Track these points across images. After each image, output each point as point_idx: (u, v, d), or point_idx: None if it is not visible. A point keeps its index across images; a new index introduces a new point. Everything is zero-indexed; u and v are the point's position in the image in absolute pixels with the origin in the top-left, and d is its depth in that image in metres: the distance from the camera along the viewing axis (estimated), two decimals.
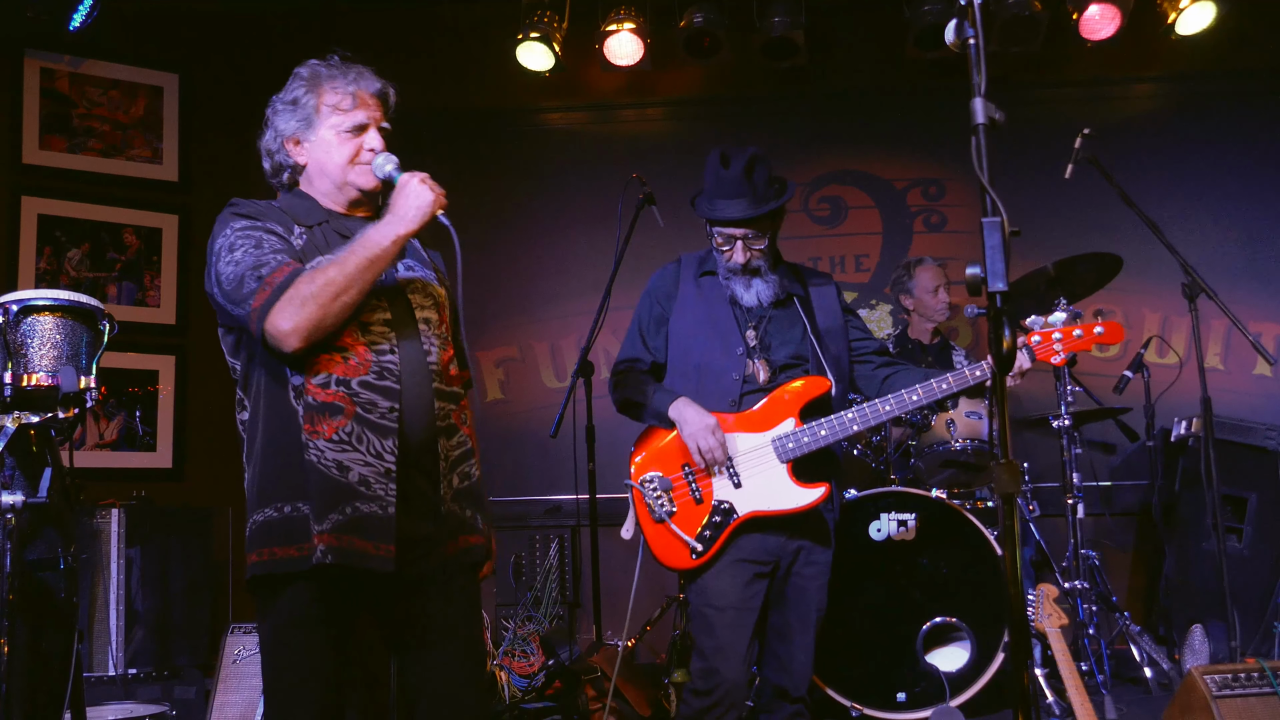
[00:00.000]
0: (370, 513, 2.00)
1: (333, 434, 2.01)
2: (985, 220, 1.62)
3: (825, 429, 2.81)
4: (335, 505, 1.99)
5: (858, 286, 5.59)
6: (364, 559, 1.98)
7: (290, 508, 2.02)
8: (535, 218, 5.69)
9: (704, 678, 2.74)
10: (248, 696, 3.75)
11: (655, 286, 3.05)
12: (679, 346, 2.97)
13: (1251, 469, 4.41)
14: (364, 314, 2.08)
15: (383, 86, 2.25)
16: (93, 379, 2.42)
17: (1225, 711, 2.65)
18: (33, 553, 2.60)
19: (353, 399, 2.03)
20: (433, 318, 2.19)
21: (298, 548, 1.99)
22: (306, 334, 2.00)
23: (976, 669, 3.59)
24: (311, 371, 2.04)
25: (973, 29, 1.71)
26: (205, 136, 5.51)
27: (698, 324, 2.95)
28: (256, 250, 2.07)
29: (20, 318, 2.38)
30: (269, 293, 2.01)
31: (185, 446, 5.28)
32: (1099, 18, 5.11)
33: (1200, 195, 5.39)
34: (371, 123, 2.20)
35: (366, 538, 1.99)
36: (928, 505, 3.75)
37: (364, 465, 2.01)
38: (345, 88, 2.19)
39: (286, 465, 2.03)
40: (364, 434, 2.02)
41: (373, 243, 2.05)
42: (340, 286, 2.01)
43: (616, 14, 5.30)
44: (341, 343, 2.06)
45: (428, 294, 2.22)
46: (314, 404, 2.02)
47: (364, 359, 2.05)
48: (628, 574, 5.41)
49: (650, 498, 2.82)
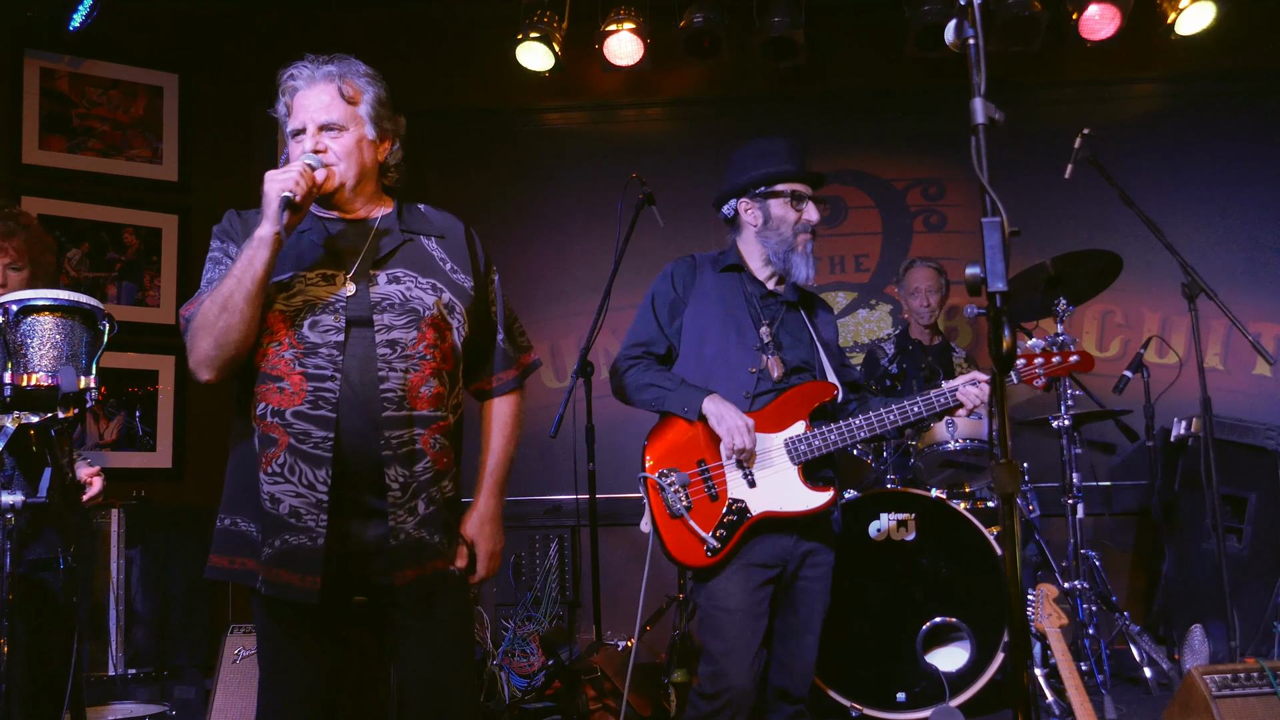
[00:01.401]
0: (299, 544, 2.01)
1: (268, 465, 2.03)
2: (985, 220, 1.62)
3: (835, 434, 2.81)
4: (270, 536, 2.03)
5: (857, 286, 5.59)
6: (288, 590, 2.01)
7: (244, 524, 2.09)
8: (535, 218, 5.69)
9: (712, 681, 2.71)
10: (247, 696, 3.75)
11: (674, 271, 2.99)
12: (694, 335, 2.92)
13: (1251, 469, 4.41)
14: (315, 333, 2.05)
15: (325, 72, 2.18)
16: (93, 379, 2.41)
17: (1225, 711, 2.65)
18: (33, 553, 2.60)
19: (286, 429, 2.02)
20: (405, 338, 2.09)
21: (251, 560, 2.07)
22: (208, 366, 2.03)
23: (976, 669, 3.59)
24: (256, 400, 2.06)
25: (972, 29, 1.71)
26: (205, 136, 5.51)
27: (715, 314, 2.91)
28: (206, 279, 2.13)
29: (20, 317, 2.37)
30: (183, 326, 2.07)
31: (185, 446, 5.28)
32: (1098, 18, 5.11)
33: (1200, 195, 5.39)
34: (308, 125, 2.16)
35: (293, 570, 2.00)
36: (927, 505, 3.75)
37: (295, 496, 2.01)
38: (285, 98, 2.20)
39: (245, 485, 2.08)
40: (296, 464, 2.01)
41: (240, 256, 2.02)
42: (214, 314, 2.00)
43: (616, 14, 5.30)
44: (277, 371, 2.04)
45: (406, 310, 2.11)
46: (260, 435, 2.05)
47: (299, 388, 2.02)
48: (627, 574, 5.42)
49: (669, 492, 2.78)
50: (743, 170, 2.96)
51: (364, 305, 2.09)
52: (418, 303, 2.13)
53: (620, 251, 4.21)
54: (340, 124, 2.16)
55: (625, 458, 5.27)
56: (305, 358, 2.03)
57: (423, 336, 2.11)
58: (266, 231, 1.99)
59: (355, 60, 2.23)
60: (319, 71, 2.18)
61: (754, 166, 2.93)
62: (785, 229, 2.89)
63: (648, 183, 4.29)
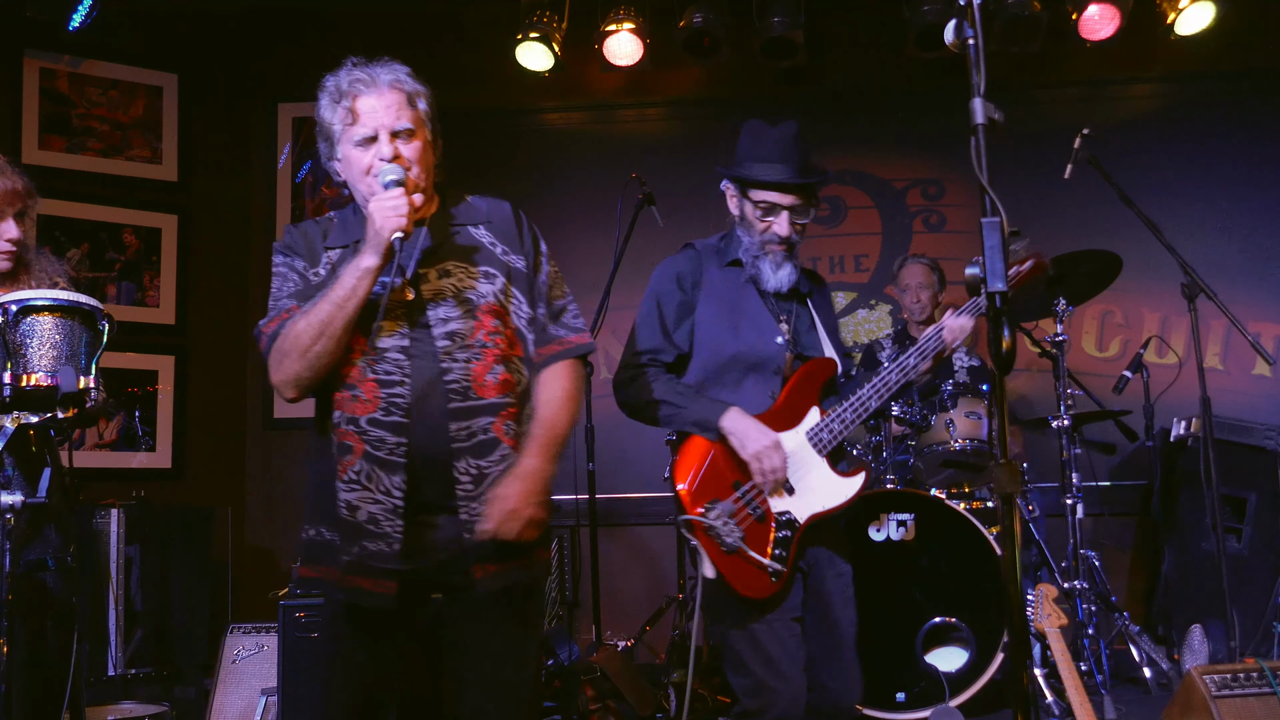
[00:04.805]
0: (376, 550, 2.03)
1: (345, 473, 2.04)
2: (984, 220, 1.62)
3: (851, 412, 2.66)
4: (349, 544, 2.04)
5: (857, 286, 5.59)
6: (365, 596, 2.03)
7: (329, 533, 2.09)
8: (534, 218, 5.60)
9: (755, 695, 2.51)
10: (247, 696, 3.75)
11: (680, 271, 2.74)
12: (710, 337, 2.70)
13: (1251, 469, 4.41)
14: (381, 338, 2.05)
15: (393, 79, 2.13)
16: (92, 379, 2.41)
17: (1224, 711, 2.65)
18: (33, 553, 2.60)
19: (361, 437, 2.03)
20: (462, 329, 2.08)
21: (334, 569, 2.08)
22: (293, 386, 2.05)
23: (976, 669, 3.59)
24: (332, 410, 2.08)
25: (972, 29, 1.71)
26: (205, 136, 5.51)
27: (729, 313, 2.71)
28: (276, 293, 2.14)
29: (20, 317, 2.37)
30: (264, 343, 2.09)
31: (185, 446, 5.28)
32: (1098, 18, 5.11)
33: (1200, 195, 5.39)
34: (379, 130, 2.09)
35: (368, 575, 2.03)
36: (927, 505, 3.75)
37: (373, 503, 2.02)
38: (344, 103, 2.10)
39: (325, 494, 2.09)
40: (373, 471, 2.03)
41: (341, 283, 2.02)
42: (310, 338, 2.01)
43: (616, 14, 5.30)
44: (351, 380, 2.06)
45: (461, 301, 2.10)
46: (336, 444, 2.07)
47: (373, 395, 2.04)
48: (627, 574, 5.43)
49: (719, 529, 2.52)
50: (739, 153, 2.75)
51: (421, 304, 2.09)
52: (471, 292, 2.12)
53: (620, 251, 4.21)
54: (410, 129, 2.13)
55: (625, 458, 5.29)
56: (375, 364, 2.05)
57: (480, 325, 2.10)
58: (372, 263, 2.00)
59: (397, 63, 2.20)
60: (383, 76, 2.12)
61: (746, 156, 2.72)
62: (754, 233, 2.71)
63: (647, 183, 4.29)
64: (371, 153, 2.10)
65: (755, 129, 2.74)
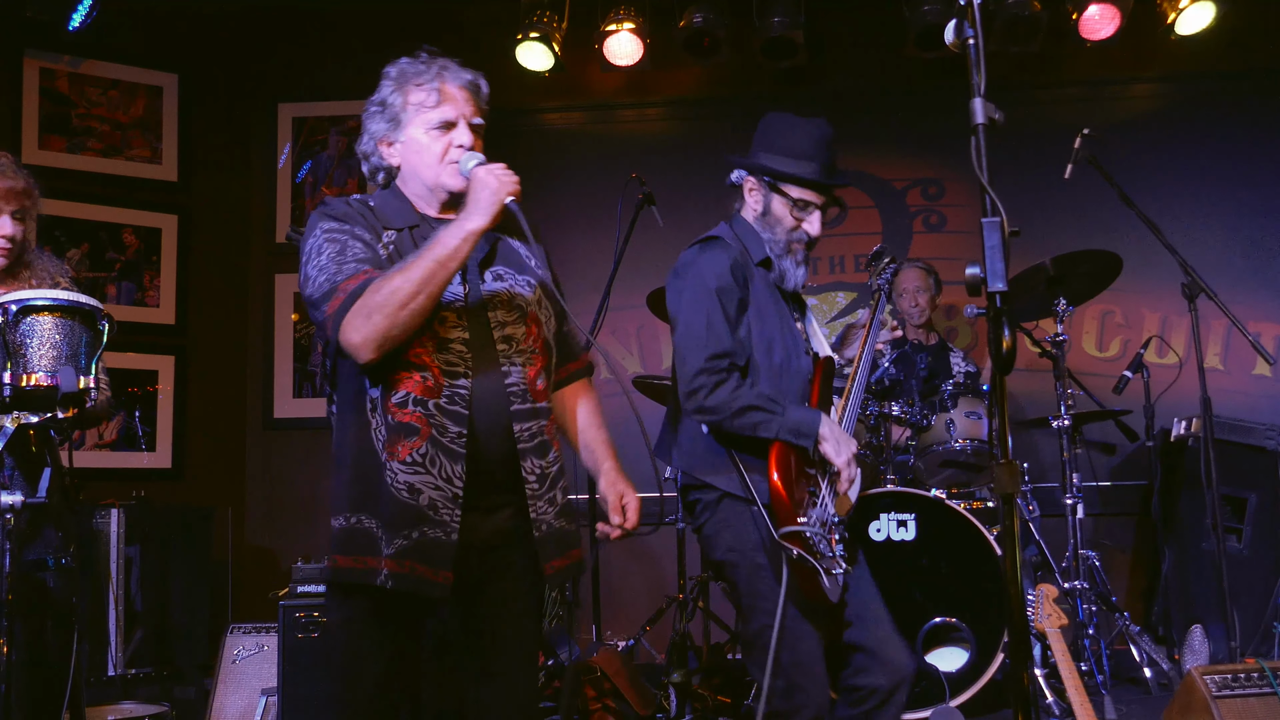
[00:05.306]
0: (435, 538, 2.00)
1: (407, 455, 2.00)
2: (985, 220, 1.62)
3: (855, 402, 2.69)
4: (403, 528, 1.99)
5: (857, 286, 5.59)
6: (422, 585, 1.99)
7: (370, 521, 2.03)
8: (535, 218, 5.63)
9: (787, 696, 2.48)
10: (247, 696, 3.75)
11: (735, 267, 2.60)
12: (763, 340, 2.61)
13: (1251, 469, 4.41)
14: (443, 330, 2.04)
15: (473, 78, 2.17)
16: (92, 379, 2.41)
17: (1225, 712, 2.65)
18: (32, 553, 2.60)
19: (428, 420, 2.01)
20: (517, 333, 2.12)
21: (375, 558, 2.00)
22: (376, 346, 1.96)
23: (976, 669, 3.59)
24: (391, 389, 2.02)
25: (972, 29, 1.71)
26: (205, 136, 5.51)
27: (772, 315, 2.64)
28: (339, 256, 2.03)
29: (19, 317, 2.37)
30: (341, 300, 1.98)
31: (185, 446, 5.28)
32: (1098, 18, 5.11)
33: (1200, 195, 5.38)
34: (460, 118, 2.12)
35: (428, 563, 1.99)
36: (927, 505, 3.75)
37: (434, 489, 2.00)
38: (430, 84, 2.11)
39: (366, 479, 2.04)
40: (437, 456, 2.00)
41: (441, 243, 1.97)
42: (407, 294, 1.94)
43: (616, 14, 5.29)
44: (421, 360, 2.02)
45: (514, 306, 2.13)
46: (393, 424, 2.01)
47: (439, 381, 2.02)
48: (627, 574, 5.42)
49: (819, 540, 2.47)
50: (764, 145, 2.68)
51: (481, 303, 2.11)
52: (521, 299, 2.16)
53: (620, 251, 4.21)
54: (481, 125, 2.17)
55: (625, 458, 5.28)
56: (439, 352, 2.03)
57: (530, 331, 2.15)
58: (480, 225, 1.99)
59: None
60: (465, 70, 2.17)
61: (775, 149, 2.65)
62: (780, 231, 2.66)
63: (647, 183, 4.29)
64: (448, 138, 2.11)
65: (787, 122, 2.68)
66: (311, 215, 2.13)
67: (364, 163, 2.23)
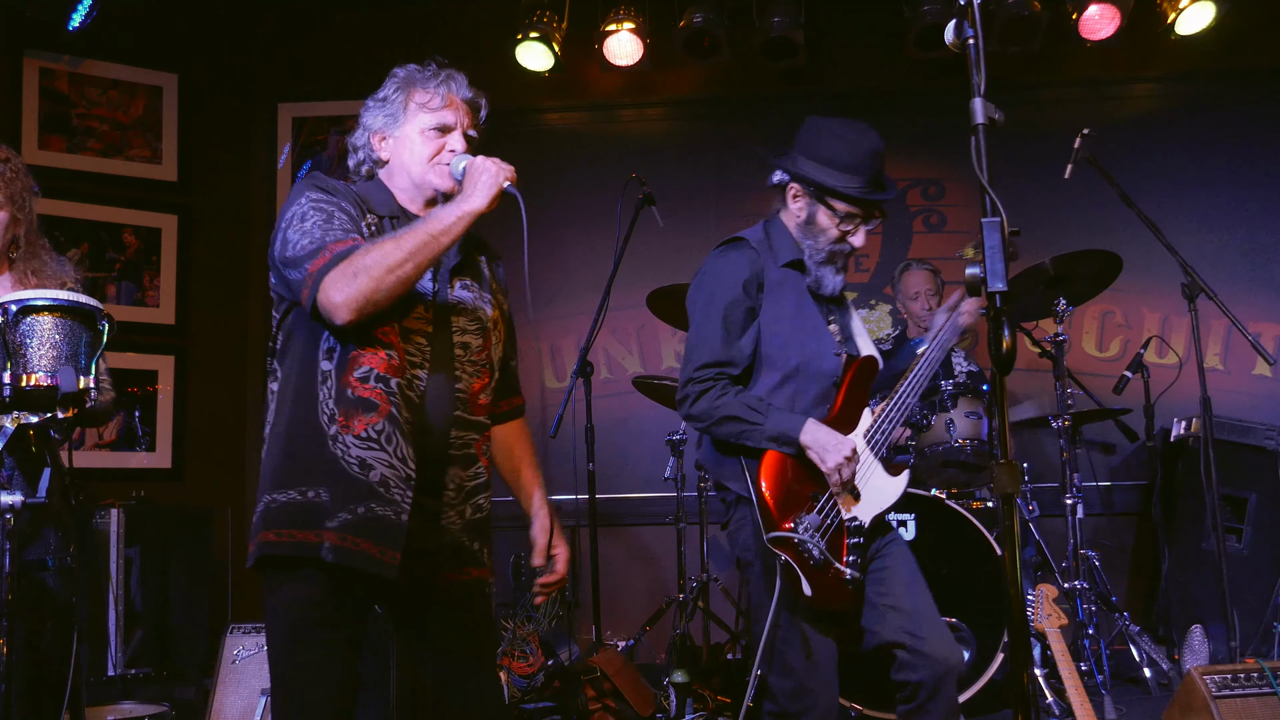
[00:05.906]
0: (384, 515, 1.96)
1: (363, 429, 1.97)
2: (985, 220, 1.62)
3: (896, 411, 2.67)
4: (349, 502, 1.95)
5: (857, 286, 5.59)
6: (369, 563, 1.94)
7: (313, 492, 1.97)
8: (534, 218, 5.66)
9: (796, 698, 2.48)
10: (247, 696, 3.75)
11: (745, 277, 2.61)
12: (775, 343, 2.60)
13: (1251, 469, 4.41)
14: (408, 321, 2.05)
15: (475, 96, 2.24)
16: (92, 379, 2.41)
17: (1225, 712, 2.65)
18: (32, 553, 2.60)
19: (389, 397, 1.99)
20: (473, 343, 2.14)
21: (315, 533, 1.94)
22: (357, 307, 1.94)
23: (976, 669, 3.59)
24: (354, 363, 2.00)
25: (972, 29, 1.71)
26: (205, 136, 5.51)
27: (791, 318, 2.62)
28: (326, 223, 2.03)
29: (19, 318, 2.37)
30: (327, 258, 1.97)
31: (185, 446, 5.28)
32: (1098, 18, 5.11)
33: (1200, 195, 5.39)
34: (458, 125, 2.19)
35: (375, 541, 1.94)
36: (928, 505, 3.75)
37: (388, 467, 1.97)
38: (436, 88, 2.18)
39: (308, 451, 1.99)
40: (394, 435, 1.98)
41: (437, 218, 2.01)
42: (397, 260, 1.95)
43: (616, 14, 5.30)
44: (388, 339, 2.02)
45: (475, 318, 2.16)
46: (351, 398, 1.98)
47: (402, 362, 2.02)
48: (627, 574, 5.42)
49: (809, 544, 2.46)
50: (810, 152, 2.65)
51: (445, 305, 2.13)
52: (482, 314, 2.19)
53: (620, 251, 4.21)
54: (475, 138, 2.23)
55: (625, 458, 5.29)
56: (402, 340, 2.04)
57: (485, 345, 2.17)
58: (478, 207, 2.02)
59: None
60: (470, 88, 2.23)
61: (821, 158, 2.63)
62: (823, 240, 2.64)
63: (647, 183, 4.29)
64: (442, 141, 2.17)
65: (835, 131, 2.67)
66: (298, 184, 2.15)
67: (352, 155, 2.25)
